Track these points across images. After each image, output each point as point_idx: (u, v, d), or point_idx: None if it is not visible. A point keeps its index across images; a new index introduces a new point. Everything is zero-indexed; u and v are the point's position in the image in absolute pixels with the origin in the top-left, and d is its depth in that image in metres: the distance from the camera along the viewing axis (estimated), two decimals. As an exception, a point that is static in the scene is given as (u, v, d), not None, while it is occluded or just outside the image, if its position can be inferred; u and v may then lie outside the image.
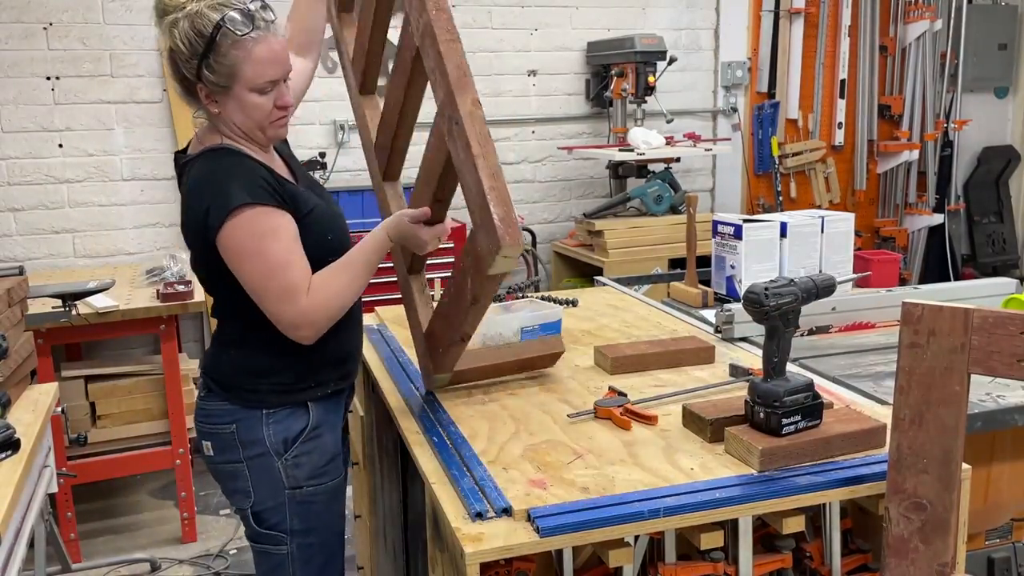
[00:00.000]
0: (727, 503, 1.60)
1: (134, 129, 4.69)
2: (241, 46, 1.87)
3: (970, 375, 1.52)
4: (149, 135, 4.72)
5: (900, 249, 6.26)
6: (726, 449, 1.78)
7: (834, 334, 2.63)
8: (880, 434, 1.77)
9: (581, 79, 5.55)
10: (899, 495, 1.57)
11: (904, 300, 1.58)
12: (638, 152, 4.91)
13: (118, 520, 4.10)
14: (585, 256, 5.02)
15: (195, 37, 1.87)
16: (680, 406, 1.94)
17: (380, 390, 2.30)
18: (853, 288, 3.03)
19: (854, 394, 2.10)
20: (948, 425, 1.53)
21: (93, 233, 4.68)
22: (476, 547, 1.47)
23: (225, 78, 1.90)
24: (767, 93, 6.01)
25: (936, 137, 6.31)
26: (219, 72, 1.89)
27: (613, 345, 2.41)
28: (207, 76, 1.90)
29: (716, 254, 3.04)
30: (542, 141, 5.52)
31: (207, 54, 1.87)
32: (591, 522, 1.53)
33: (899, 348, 1.57)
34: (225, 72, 1.89)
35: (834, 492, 1.67)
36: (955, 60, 6.27)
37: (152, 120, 4.71)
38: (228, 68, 1.88)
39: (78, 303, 3.56)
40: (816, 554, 1.86)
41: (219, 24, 1.85)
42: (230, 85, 1.91)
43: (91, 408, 3.88)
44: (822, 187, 6.20)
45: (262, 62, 1.90)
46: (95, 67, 4.59)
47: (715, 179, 6.01)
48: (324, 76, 4.99)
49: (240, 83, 1.91)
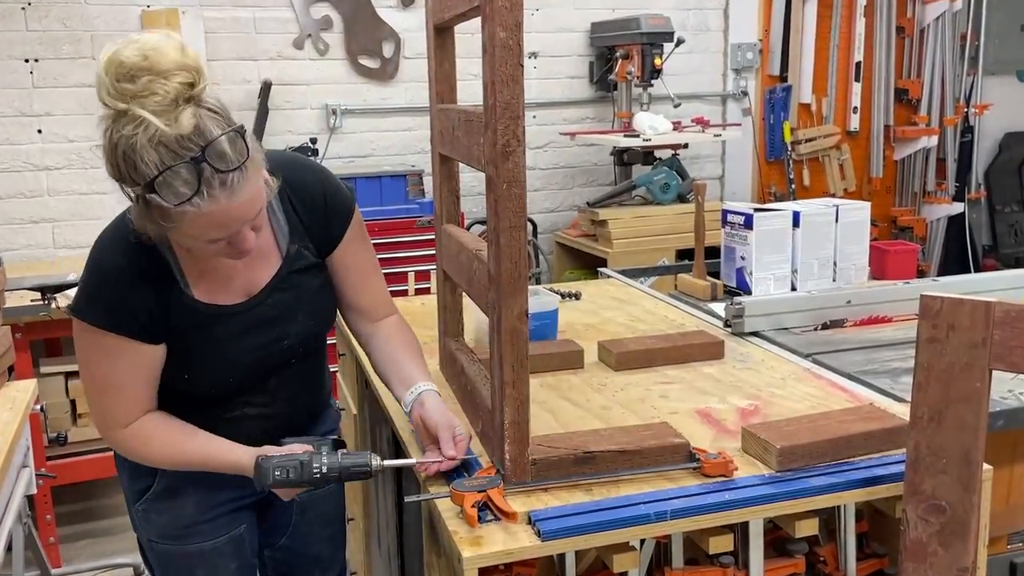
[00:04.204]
0: (737, 505, 1.60)
1: (116, 114, 4.67)
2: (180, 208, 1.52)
3: (991, 371, 1.51)
4: (132, 120, 4.69)
5: (918, 239, 6.25)
6: (742, 448, 1.78)
7: (849, 328, 2.63)
8: (903, 433, 1.77)
9: (584, 62, 5.53)
10: (917, 497, 1.57)
11: (922, 293, 1.58)
12: (644, 138, 4.90)
13: (100, 523, 4.10)
14: (588, 247, 5.01)
15: (125, 169, 1.52)
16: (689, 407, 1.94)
17: (373, 387, 2.30)
18: (869, 280, 3.03)
19: (870, 391, 2.10)
20: (968, 423, 1.52)
21: (74, 223, 4.67)
22: (474, 551, 1.47)
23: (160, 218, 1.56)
24: (779, 76, 5.99)
25: (956, 122, 6.29)
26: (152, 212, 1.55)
27: (617, 340, 2.40)
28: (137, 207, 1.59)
29: (725, 245, 3.04)
30: (543, 127, 5.51)
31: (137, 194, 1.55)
32: (594, 525, 1.52)
33: (917, 343, 1.57)
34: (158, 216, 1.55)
35: (850, 493, 1.67)
36: (976, 41, 6.25)
37: (135, 104, 4.69)
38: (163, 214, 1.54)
39: (58, 296, 3.56)
40: (830, 559, 1.85)
41: (152, 184, 1.50)
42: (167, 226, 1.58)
43: (71, 406, 3.88)
44: (836, 175, 6.19)
45: (205, 227, 1.57)
46: (76, 49, 4.58)
47: (724, 166, 6.00)
48: (315, 58, 4.99)
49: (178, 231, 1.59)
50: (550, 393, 2.13)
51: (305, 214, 1.87)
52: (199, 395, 1.84)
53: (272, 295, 1.84)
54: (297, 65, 4.99)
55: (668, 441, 1.71)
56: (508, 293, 1.57)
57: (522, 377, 1.60)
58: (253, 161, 1.58)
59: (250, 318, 1.82)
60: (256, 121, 4.77)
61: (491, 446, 1.73)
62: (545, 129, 5.52)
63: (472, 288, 1.83)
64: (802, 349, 2.41)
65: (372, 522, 2.74)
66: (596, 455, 1.66)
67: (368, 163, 5.14)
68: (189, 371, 1.80)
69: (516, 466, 1.63)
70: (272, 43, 4.93)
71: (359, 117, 5.14)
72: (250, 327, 1.82)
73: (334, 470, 1.71)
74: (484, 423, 1.78)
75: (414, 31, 5.12)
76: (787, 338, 2.52)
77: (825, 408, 1.94)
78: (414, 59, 5.14)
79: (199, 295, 1.77)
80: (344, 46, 5.05)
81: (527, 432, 1.63)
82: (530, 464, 1.63)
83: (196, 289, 1.77)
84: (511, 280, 1.56)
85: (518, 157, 1.52)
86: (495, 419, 1.66)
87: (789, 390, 2.11)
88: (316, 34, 4.98)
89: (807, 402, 2.02)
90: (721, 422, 1.93)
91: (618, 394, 2.13)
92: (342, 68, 5.08)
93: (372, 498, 2.71)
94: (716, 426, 1.91)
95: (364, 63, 5.11)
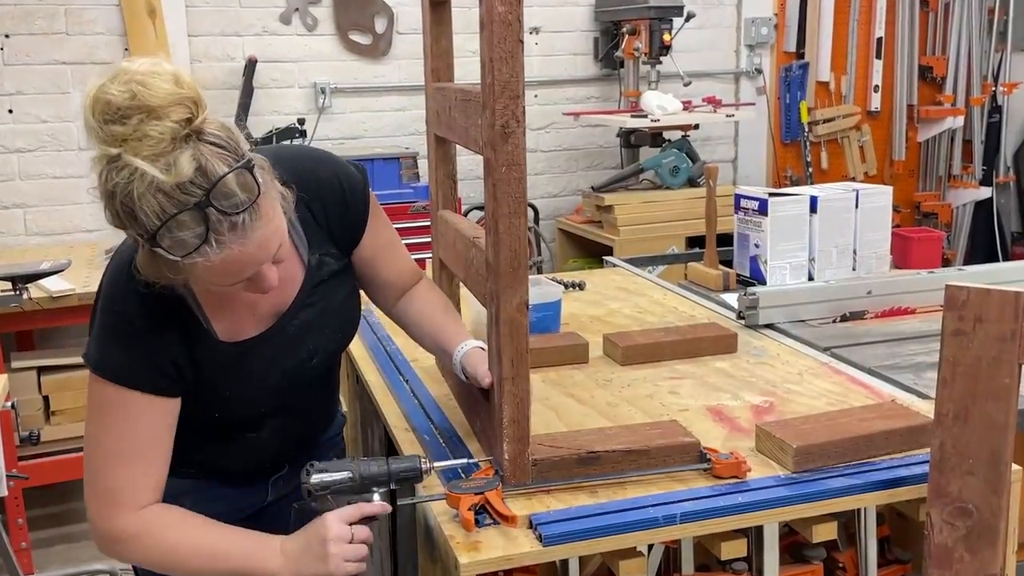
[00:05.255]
0: (751, 508, 1.60)
1: (92, 93, 4.66)
2: (188, 260, 1.44)
3: (1021, 366, 1.51)
4: (108, 99, 4.68)
5: (943, 226, 6.25)
6: (756, 447, 1.78)
7: (870, 320, 2.63)
8: (927, 432, 1.77)
9: (589, 37, 5.52)
10: (942, 499, 1.57)
11: (947, 283, 1.57)
12: (652, 118, 4.89)
13: (75, 527, 4.10)
14: (593, 234, 5.01)
15: (125, 218, 1.44)
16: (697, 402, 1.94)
17: (365, 383, 2.30)
18: (891, 269, 3.03)
19: (892, 387, 2.10)
20: (996, 421, 1.52)
21: (46, 208, 4.66)
22: (472, 557, 1.47)
23: (168, 270, 1.49)
24: (795, 53, 5.98)
25: (983, 102, 6.28)
26: (159, 262, 1.47)
27: (624, 333, 2.40)
28: (143, 253, 1.50)
29: (739, 232, 3.04)
30: (545, 106, 5.50)
31: (144, 243, 1.46)
32: (599, 529, 1.52)
33: (942, 336, 1.57)
34: (167, 268, 1.48)
35: (871, 495, 1.67)
36: (1004, 16, 6.23)
37: (111, 83, 4.68)
38: (170, 266, 1.47)
39: (30, 286, 3.55)
40: (850, 565, 1.86)
41: (155, 236, 1.41)
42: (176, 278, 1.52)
43: (45, 403, 3.88)
44: (856, 157, 6.19)
45: (220, 274, 1.50)
46: (49, 24, 4.57)
47: (737, 148, 6.00)
48: (303, 34, 4.98)
49: (191, 279, 1.54)
50: (552, 389, 2.13)
51: (323, 215, 1.79)
52: (219, 424, 1.78)
53: (298, 314, 1.77)
54: (284, 41, 4.97)
55: (677, 440, 1.71)
56: (507, 283, 1.56)
57: (522, 372, 1.60)
58: (266, 196, 1.48)
59: (278, 344, 1.76)
60: (240, 101, 4.76)
61: (489, 445, 1.73)
62: (547, 109, 5.51)
63: (469, 278, 1.82)
64: (820, 342, 2.41)
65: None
66: (601, 455, 1.66)
67: (359, 145, 5.13)
68: (218, 410, 1.74)
69: (516, 467, 1.63)
70: (257, 17, 4.91)
71: (350, 96, 5.13)
72: (278, 353, 1.76)
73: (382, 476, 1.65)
74: (482, 421, 1.78)
75: (408, 5, 5.10)
76: (804, 331, 2.52)
77: (844, 405, 1.95)
78: (408, 35, 5.13)
79: (223, 334, 1.69)
80: (334, 21, 5.04)
81: (527, 431, 1.62)
82: (531, 464, 1.63)
83: (219, 325, 1.69)
84: (510, 269, 1.56)
85: (518, 138, 1.52)
86: (493, 417, 1.66)
87: (806, 386, 2.11)
88: (304, 8, 4.97)
89: (825, 399, 2.03)
90: (734, 420, 1.93)
91: (624, 390, 2.13)
92: (331, 44, 5.07)
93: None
94: (729, 424, 1.91)
95: (355, 39, 5.10)
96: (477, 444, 1.83)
